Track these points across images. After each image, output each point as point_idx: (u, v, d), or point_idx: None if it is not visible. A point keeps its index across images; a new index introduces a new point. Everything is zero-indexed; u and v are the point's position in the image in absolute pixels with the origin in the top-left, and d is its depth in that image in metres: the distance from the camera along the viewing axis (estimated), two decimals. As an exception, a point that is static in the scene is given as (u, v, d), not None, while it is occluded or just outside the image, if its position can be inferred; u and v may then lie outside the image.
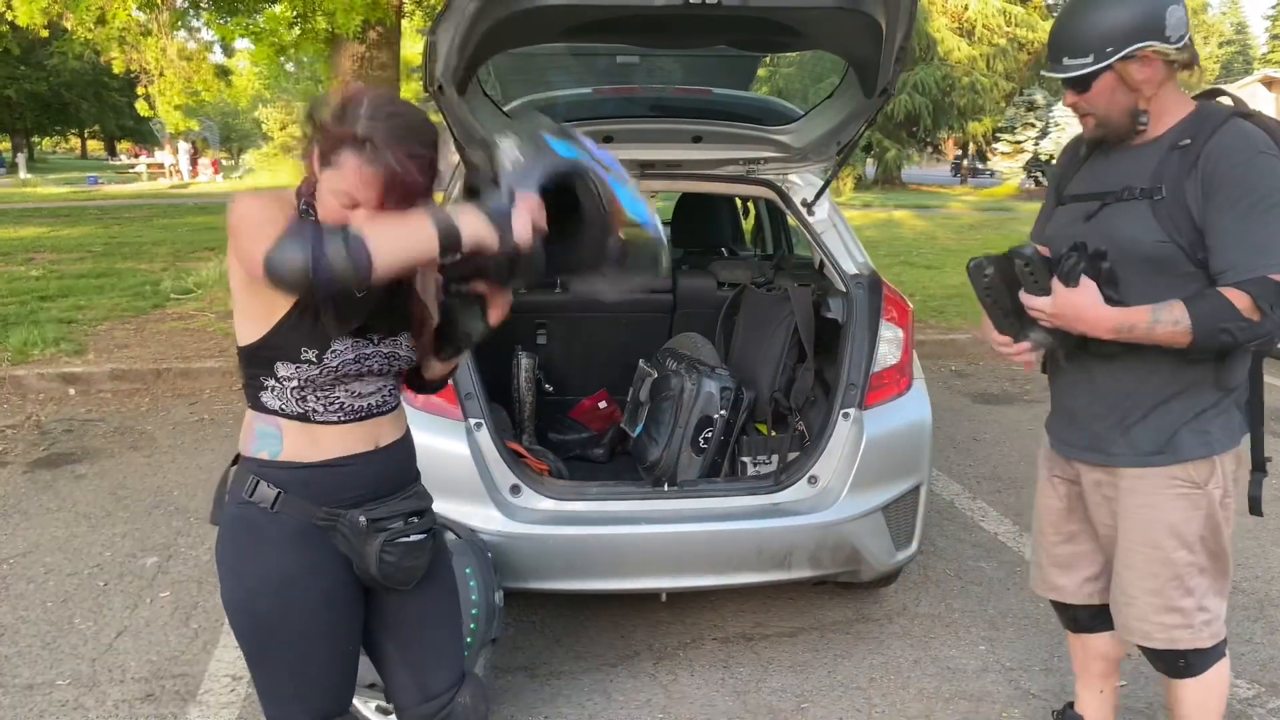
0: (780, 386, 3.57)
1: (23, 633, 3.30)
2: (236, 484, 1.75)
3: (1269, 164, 1.88)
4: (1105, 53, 1.92)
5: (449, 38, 2.38)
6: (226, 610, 1.75)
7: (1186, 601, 2.12)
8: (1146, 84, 1.95)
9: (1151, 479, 2.08)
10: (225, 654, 3.15)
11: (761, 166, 3.47)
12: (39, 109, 42.47)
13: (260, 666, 1.78)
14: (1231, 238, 1.87)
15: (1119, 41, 1.91)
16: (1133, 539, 2.13)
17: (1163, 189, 1.94)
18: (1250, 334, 1.85)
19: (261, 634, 1.74)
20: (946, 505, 4.46)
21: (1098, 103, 1.99)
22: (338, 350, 1.67)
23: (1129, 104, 1.97)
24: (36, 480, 4.74)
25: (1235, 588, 3.64)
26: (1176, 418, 2.05)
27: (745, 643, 3.27)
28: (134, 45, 10.05)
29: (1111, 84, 1.96)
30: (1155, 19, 1.90)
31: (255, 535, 1.71)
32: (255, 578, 1.71)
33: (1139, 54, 1.91)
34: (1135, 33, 1.90)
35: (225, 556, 1.75)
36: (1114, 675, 2.52)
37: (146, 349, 7.02)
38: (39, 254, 12.02)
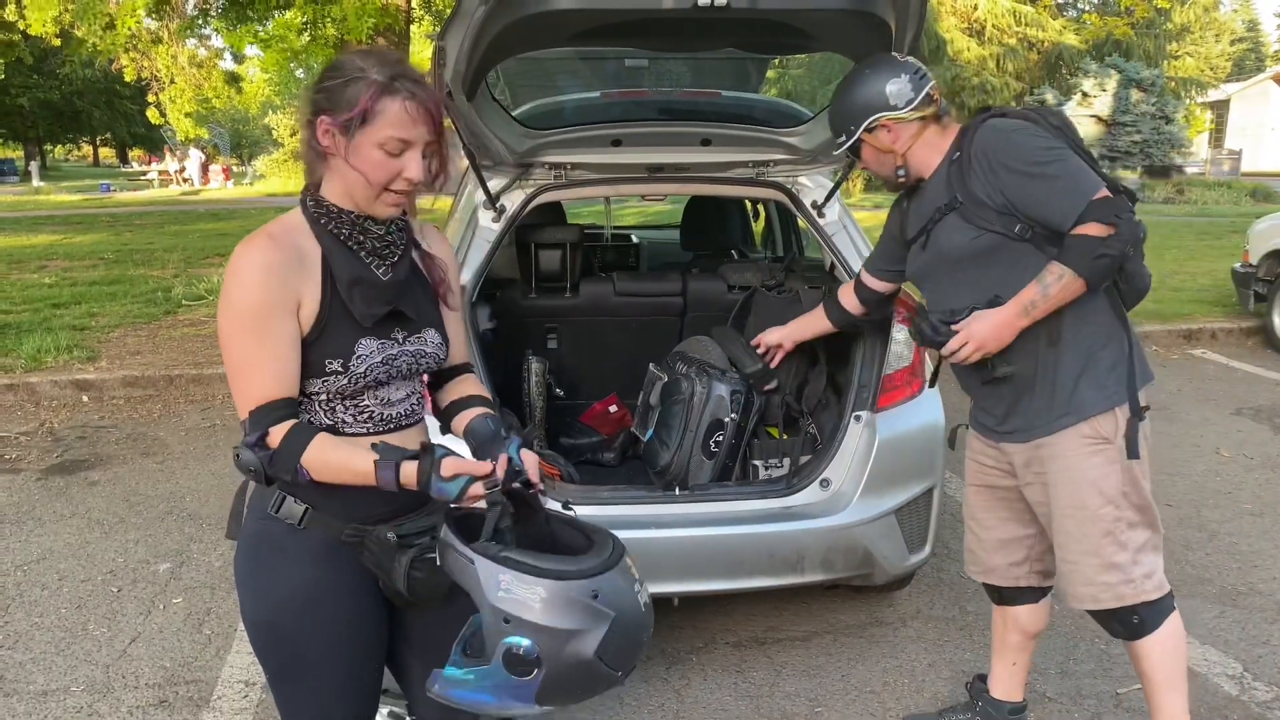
0: (791, 389, 3.56)
1: (37, 639, 3.31)
2: (258, 499, 1.70)
3: (1025, 137, 2.18)
4: (850, 130, 2.38)
5: (457, 43, 2.37)
6: (247, 628, 1.71)
7: (1122, 556, 2.25)
8: (897, 143, 2.35)
9: (1065, 442, 2.25)
10: (238, 660, 3.15)
11: (771, 169, 3.46)
12: (51, 117, 42.71)
13: (283, 684, 1.75)
14: (1043, 198, 2.14)
15: (855, 121, 2.36)
16: (1061, 504, 2.29)
17: (958, 196, 2.25)
18: (1116, 246, 2.08)
19: (285, 652, 1.70)
20: (959, 508, 4.43)
21: (871, 164, 2.44)
22: (363, 356, 1.63)
23: (890, 161, 2.38)
24: (50, 487, 4.76)
25: (1252, 589, 3.61)
26: (1069, 377, 2.23)
27: (758, 646, 3.26)
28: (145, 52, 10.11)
29: (870, 151, 2.40)
30: (877, 97, 2.32)
31: (279, 552, 1.67)
32: (279, 596, 1.67)
33: (876, 125, 2.33)
34: (863, 111, 2.34)
35: (246, 574, 1.71)
36: (1027, 650, 2.67)
37: (159, 355, 7.05)
38: (52, 261, 12.09)
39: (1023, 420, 2.32)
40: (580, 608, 1.47)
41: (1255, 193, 22.74)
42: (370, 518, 1.69)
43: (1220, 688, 2.96)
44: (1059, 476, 2.27)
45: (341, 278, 1.61)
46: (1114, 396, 2.23)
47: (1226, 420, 5.70)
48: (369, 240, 1.65)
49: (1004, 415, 2.37)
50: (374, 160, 1.57)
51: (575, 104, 3.55)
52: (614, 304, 4.14)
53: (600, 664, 1.49)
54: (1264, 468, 4.95)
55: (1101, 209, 2.09)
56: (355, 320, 1.62)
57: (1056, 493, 2.29)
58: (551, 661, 1.47)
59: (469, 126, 2.88)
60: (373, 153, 1.56)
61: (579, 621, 1.47)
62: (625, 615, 1.51)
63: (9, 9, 8.52)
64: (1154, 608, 2.29)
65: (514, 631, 1.46)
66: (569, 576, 1.48)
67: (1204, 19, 42.89)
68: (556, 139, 3.24)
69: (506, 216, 3.23)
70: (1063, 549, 2.32)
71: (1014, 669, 2.66)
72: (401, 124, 1.55)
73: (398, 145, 1.56)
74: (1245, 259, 7.79)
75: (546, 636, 1.46)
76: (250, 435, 1.53)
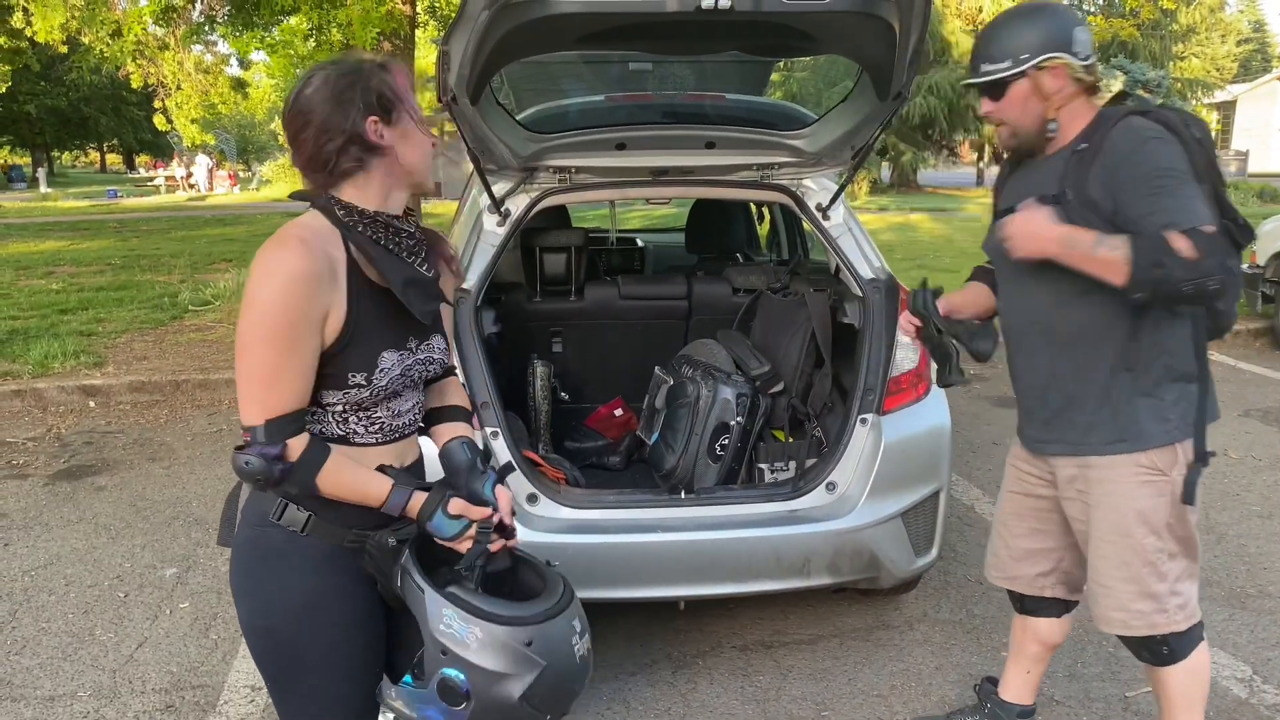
0: (797, 392, 3.55)
1: (44, 644, 3.31)
2: (254, 505, 1.67)
3: (1159, 147, 2.01)
4: (1020, 59, 2.11)
5: (462, 47, 2.38)
6: (245, 634, 1.70)
7: (1160, 586, 2.20)
8: (1056, 94, 2.13)
9: (1119, 468, 2.18)
10: (244, 664, 3.15)
11: (776, 171, 3.45)
12: (58, 124, 42.90)
13: (282, 690, 1.73)
14: (1152, 215, 1.96)
15: (1032, 51, 2.11)
16: (1104, 529, 2.22)
17: (1067, 192, 2.09)
18: (1186, 271, 1.87)
19: (284, 658, 1.69)
20: (967, 510, 4.43)
21: (1011, 111, 2.17)
22: (385, 369, 1.63)
23: (1039, 112, 2.15)
24: (57, 492, 4.77)
25: (1261, 592, 3.60)
26: (1133, 403, 2.15)
27: (764, 650, 3.25)
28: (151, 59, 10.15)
29: (1025, 91, 2.14)
30: (1064, 35, 2.11)
31: (278, 558, 1.65)
32: (279, 601, 1.66)
33: (1048, 64, 2.11)
34: (1045, 45, 2.10)
35: (243, 580, 1.69)
36: (1044, 661, 2.63)
37: (165, 361, 7.07)
38: (59, 267, 12.13)
39: (1072, 434, 2.23)
40: (511, 652, 1.55)
41: (1262, 193, 22.68)
42: (369, 524, 1.68)
43: (1229, 691, 2.94)
44: (1105, 501, 2.20)
45: (395, 281, 1.61)
46: (1176, 431, 2.14)
47: (1234, 422, 5.68)
48: (404, 240, 1.66)
49: (1046, 422, 2.29)
50: (421, 139, 1.66)
51: (579, 108, 3.56)
52: (619, 307, 4.14)
53: (526, 707, 1.56)
54: (1272, 469, 4.92)
55: (1203, 238, 1.90)
56: (389, 326, 1.64)
57: (1099, 515, 2.22)
58: (480, 698, 1.55)
59: (473, 131, 2.88)
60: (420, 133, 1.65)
61: (508, 665, 1.55)
62: (557, 665, 1.58)
63: (16, 17, 8.56)
64: (1184, 638, 2.25)
65: (449, 664, 1.55)
66: (505, 622, 1.56)
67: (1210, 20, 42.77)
68: (561, 143, 3.24)
69: (511, 220, 3.23)
70: (1098, 572, 2.26)
71: (1028, 676, 2.64)
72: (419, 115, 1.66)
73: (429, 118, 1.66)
74: (1253, 260, 7.76)
75: (478, 674, 1.54)
76: (270, 446, 1.52)
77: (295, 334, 1.51)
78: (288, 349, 1.51)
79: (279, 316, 1.50)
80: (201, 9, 9.59)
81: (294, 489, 1.58)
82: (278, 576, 1.66)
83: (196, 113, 11.15)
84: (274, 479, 1.54)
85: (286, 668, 1.70)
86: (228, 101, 12.09)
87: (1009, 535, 2.52)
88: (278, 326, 1.50)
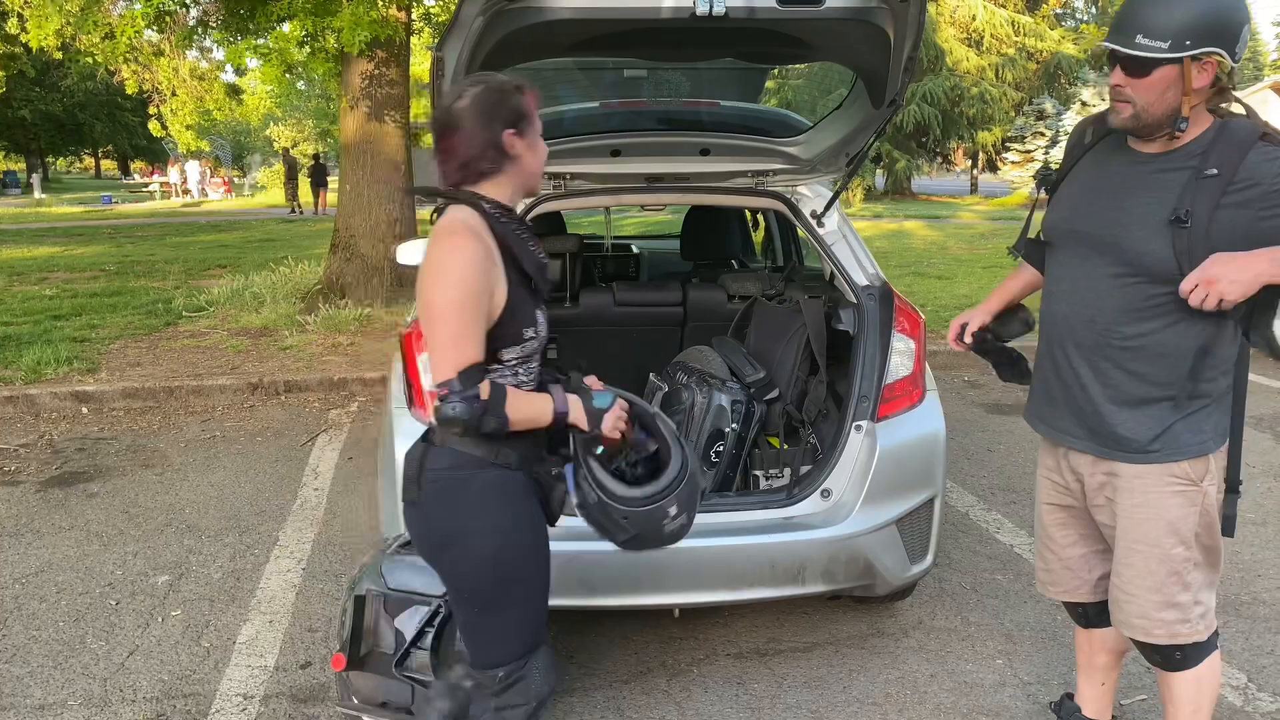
0: (792, 399, 3.55)
1: (34, 652, 3.29)
2: (452, 455, 1.98)
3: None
4: (1184, 44, 1.89)
5: (456, 54, 2.38)
6: (464, 568, 2.00)
7: (1184, 596, 2.17)
8: (1199, 92, 1.94)
9: (1149, 477, 2.14)
10: (237, 673, 3.14)
11: (770, 178, 3.46)
12: (53, 129, 42.86)
13: (493, 612, 2.04)
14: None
15: (1198, 39, 1.88)
16: (1131, 536, 2.18)
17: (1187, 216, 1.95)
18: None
19: (506, 578, 2.00)
20: (961, 517, 4.43)
21: (1148, 93, 1.95)
22: (541, 323, 2.02)
23: (1175, 103, 1.95)
24: (49, 499, 4.75)
25: (1256, 599, 3.60)
26: (1170, 412, 2.10)
27: (759, 658, 3.24)
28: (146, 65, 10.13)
29: (1171, 78, 1.93)
30: (1233, 31, 1.90)
31: (501, 492, 1.98)
32: (506, 528, 1.99)
33: (1206, 58, 1.90)
34: (1214, 36, 1.89)
35: (468, 517, 1.97)
36: (1116, 668, 2.58)
37: (159, 367, 7.05)
38: (53, 273, 12.11)
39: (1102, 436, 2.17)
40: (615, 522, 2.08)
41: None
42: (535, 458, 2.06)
43: (1224, 698, 2.94)
44: (1135, 511, 2.16)
45: (530, 264, 1.99)
46: (1210, 442, 2.11)
47: (1228, 429, 5.68)
48: (525, 232, 2.03)
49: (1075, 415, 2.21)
50: (542, 150, 2.04)
51: (574, 114, 3.56)
52: (614, 314, 4.13)
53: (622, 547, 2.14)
54: (1266, 476, 4.93)
55: None
56: (530, 296, 2.00)
57: (1127, 524, 2.18)
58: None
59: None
60: (540, 144, 2.03)
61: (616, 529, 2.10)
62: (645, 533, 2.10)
63: (11, 23, 8.54)
64: (1201, 646, 2.23)
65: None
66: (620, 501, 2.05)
67: (1202, 28, 42.92)
68: (556, 149, 3.23)
69: (506, 227, 3.22)
70: (1121, 578, 2.22)
71: (1103, 688, 2.59)
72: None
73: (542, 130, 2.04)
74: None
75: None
76: (467, 390, 1.85)
77: (476, 302, 1.87)
78: (472, 314, 1.86)
79: (468, 290, 1.86)
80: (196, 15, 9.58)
81: (493, 422, 1.88)
82: (505, 506, 1.99)
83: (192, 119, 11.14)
84: (476, 417, 1.86)
85: (506, 587, 2.02)
86: (223, 108, 12.09)
87: (1057, 548, 2.44)
88: (465, 296, 1.85)
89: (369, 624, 2.58)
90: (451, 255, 1.86)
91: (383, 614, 2.59)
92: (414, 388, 2.95)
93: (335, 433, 5.83)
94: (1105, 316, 2.12)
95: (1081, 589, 2.44)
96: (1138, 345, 2.09)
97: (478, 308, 1.88)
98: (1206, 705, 2.29)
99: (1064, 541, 2.42)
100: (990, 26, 28.67)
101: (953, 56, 28.00)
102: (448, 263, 1.86)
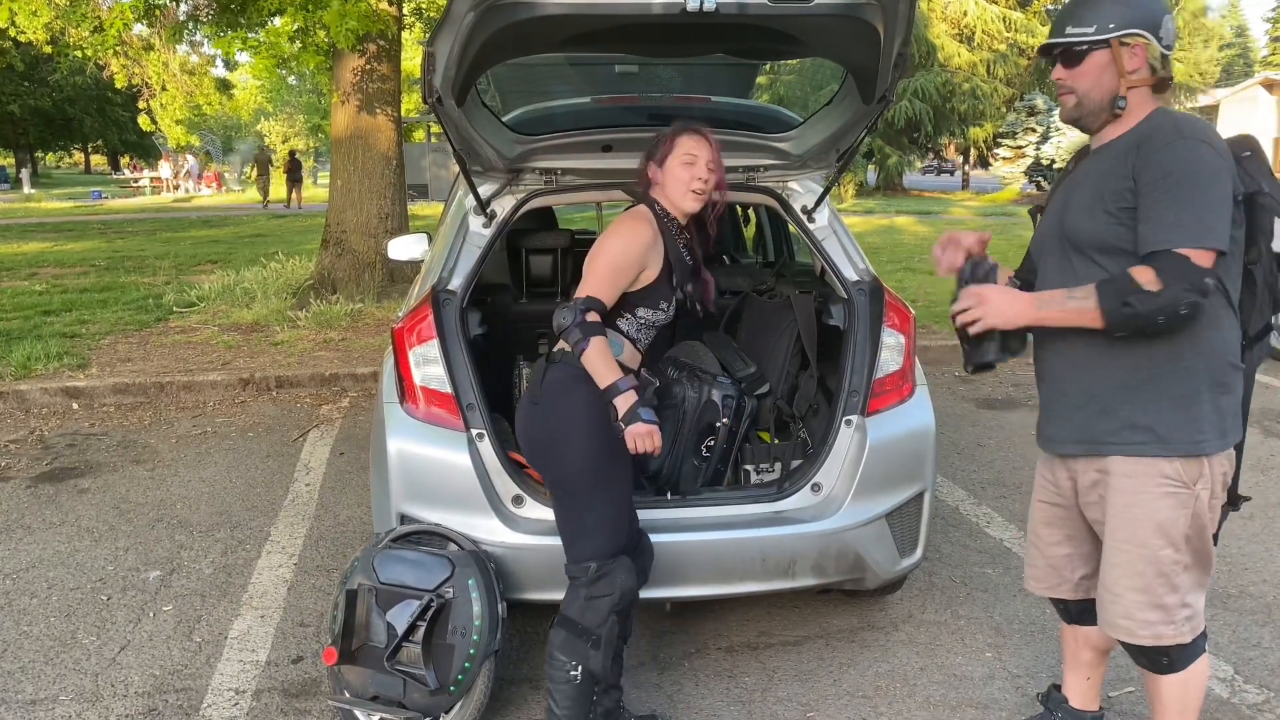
0: (783, 394, 3.56)
1: (26, 648, 3.29)
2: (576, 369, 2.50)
3: (1190, 147, 2.01)
4: (1108, 28, 2.09)
5: (447, 49, 2.37)
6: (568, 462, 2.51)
7: (1171, 599, 2.17)
8: (1132, 74, 2.11)
9: (1141, 476, 2.13)
10: (228, 667, 3.14)
11: (761, 174, 3.46)
12: (43, 124, 42.63)
13: (588, 506, 2.53)
14: (1148, 215, 2.00)
15: (1121, 22, 2.09)
16: (1119, 535, 2.18)
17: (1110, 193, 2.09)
18: (1149, 305, 1.94)
19: (597, 475, 2.51)
20: (951, 511, 4.45)
21: (1084, 80, 2.15)
22: (669, 305, 2.75)
23: (1112, 86, 2.13)
24: (39, 495, 4.74)
25: (1243, 592, 3.62)
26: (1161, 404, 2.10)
27: (750, 652, 3.26)
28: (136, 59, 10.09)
29: (1103, 62, 2.12)
30: (1154, 17, 2.10)
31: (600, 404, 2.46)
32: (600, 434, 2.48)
33: (1133, 40, 2.09)
34: (1136, 20, 2.09)
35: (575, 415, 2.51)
36: (1102, 664, 2.58)
37: (150, 362, 7.03)
38: (43, 269, 12.06)
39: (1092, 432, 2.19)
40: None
41: (1245, 197, 22.78)
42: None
43: (1211, 690, 2.96)
44: (1125, 510, 2.16)
45: (675, 258, 2.72)
46: (1207, 445, 2.11)
47: (1217, 423, 5.71)
48: (681, 235, 2.78)
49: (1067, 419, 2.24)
50: (677, 173, 2.67)
51: (565, 109, 3.56)
52: None
53: None
54: (1254, 471, 4.96)
55: (1171, 263, 1.93)
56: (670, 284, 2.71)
57: (1116, 523, 2.18)
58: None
59: (459, 132, 2.88)
60: (677, 169, 2.67)
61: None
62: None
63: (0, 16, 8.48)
64: (1187, 649, 2.22)
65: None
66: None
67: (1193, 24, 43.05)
68: (547, 144, 3.24)
69: (497, 222, 3.23)
70: (1108, 578, 2.22)
71: (1089, 682, 2.59)
72: (686, 147, 2.68)
73: (689, 158, 2.67)
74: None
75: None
76: (582, 305, 2.50)
77: (625, 269, 2.62)
78: (618, 275, 2.61)
79: (622, 257, 2.62)
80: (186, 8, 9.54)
81: (575, 336, 2.46)
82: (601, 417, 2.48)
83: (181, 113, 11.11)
84: (566, 326, 2.47)
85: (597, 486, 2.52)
86: (213, 103, 12.05)
87: (1043, 545, 2.46)
88: (619, 259, 2.62)
89: (361, 618, 2.59)
90: (626, 232, 2.63)
91: (374, 608, 2.59)
92: (405, 383, 2.95)
93: (327, 428, 5.82)
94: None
95: (1063, 587, 2.46)
96: (1112, 340, 2.10)
97: (624, 273, 2.60)
98: (1193, 707, 2.28)
99: (1049, 540, 2.44)
100: (982, 22, 28.69)
101: (944, 52, 28.01)
102: (621, 236, 2.63)
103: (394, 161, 9.36)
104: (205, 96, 11.61)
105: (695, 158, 2.64)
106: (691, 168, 2.64)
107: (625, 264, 2.60)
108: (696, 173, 2.65)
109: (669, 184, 2.67)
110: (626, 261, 2.60)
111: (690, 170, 2.64)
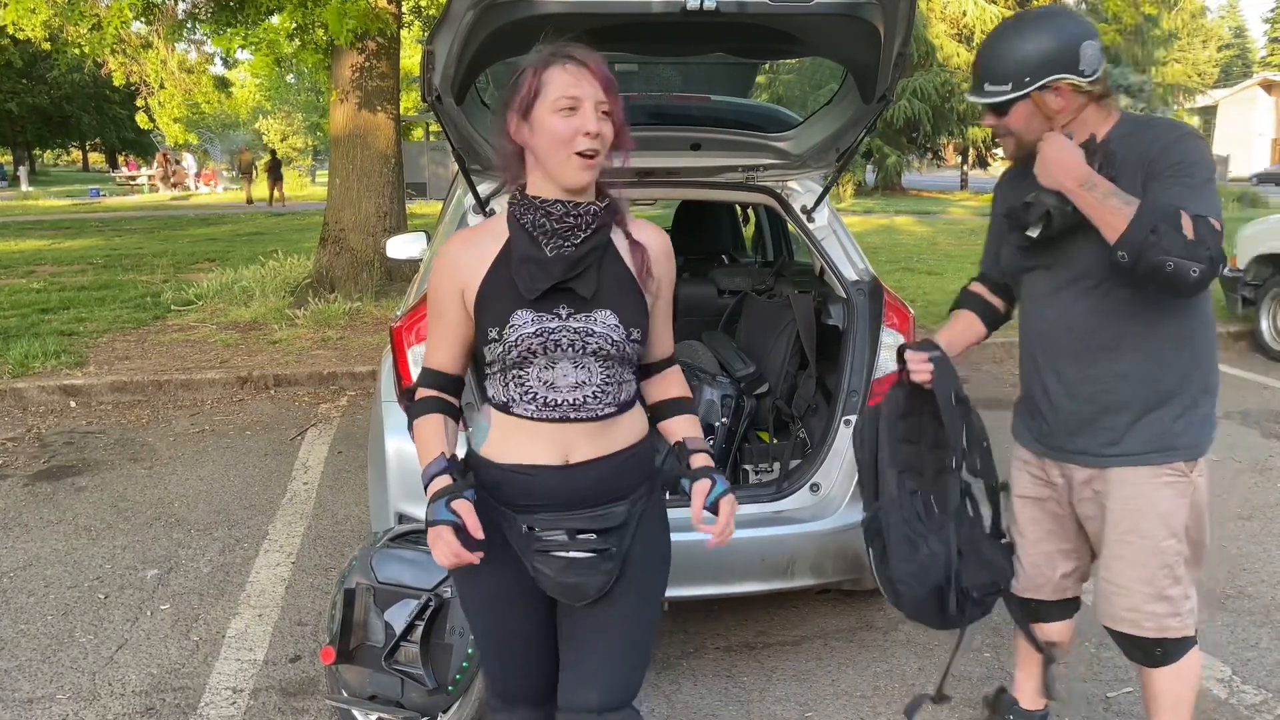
0: (782, 393, 3.56)
1: (23, 646, 3.28)
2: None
3: (1196, 143, 2.01)
4: (1023, 82, 2.07)
5: (446, 47, 2.37)
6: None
7: (1175, 590, 2.18)
8: (1061, 113, 2.09)
9: (1140, 472, 2.15)
10: (225, 666, 3.14)
11: (761, 173, 3.46)
12: (40, 122, 42.55)
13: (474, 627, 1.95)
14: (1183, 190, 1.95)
15: (1035, 73, 2.05)
16: (1123, 528, 2.19)
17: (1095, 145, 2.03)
18: (1177, 246, 1.85)
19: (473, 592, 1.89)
20: (949, 511, 4.44)
21: (1017, 124, 2.13)
22: (516, 325, 1.72)
23: (1044, 128, 2.10)
24: (37, 493, 4.73)
25: (1241, 592, 3.62)
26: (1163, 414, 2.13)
27: (748, 651, 3.26)
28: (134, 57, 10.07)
29: (1028, 111, 2.10)
30: (1070, 53, 2.04)
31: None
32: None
33: (1053, 85, 2.05)
34: (1050, 65, 2.04)
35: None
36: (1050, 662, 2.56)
37: (147, 361, 7.02)
38: (40, 267, 12.04)
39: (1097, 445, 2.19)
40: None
41: (1243, 198, 22.85)
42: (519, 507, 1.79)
43: (1210, 691, 2.96)
44: (1127, 503, 2.17)
45: (515, 257, 1.75)
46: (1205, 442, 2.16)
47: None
48: (549, 223, 1.75)
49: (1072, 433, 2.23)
50: (553, 126, 1.69)
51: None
52: None
53: None
54: (1252, 471, 4.96)
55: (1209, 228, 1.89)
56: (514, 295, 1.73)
57: (1118, 517, 2.18)
58: None
59: (458, 130, 2.87)
60: (550, 120, 1.69)
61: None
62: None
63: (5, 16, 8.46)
64: (1182, 642, 2.23)
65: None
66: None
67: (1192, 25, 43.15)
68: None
69: (496, 221, 3.22)
70: (1112, 571, 2.21)
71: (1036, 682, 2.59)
72: (565, 84, 1.69)
73: (568, 103, 1.69)
74: (1233, 263, 7.83)
75: None
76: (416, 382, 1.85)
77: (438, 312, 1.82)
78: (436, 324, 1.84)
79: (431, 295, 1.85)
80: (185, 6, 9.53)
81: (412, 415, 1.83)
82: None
83: (179, 112, 11.06)
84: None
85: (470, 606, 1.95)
86: (211, 101, 12.01)
87: (1026, 543, 2.45)
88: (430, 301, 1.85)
89: (359, 617, 2.59)
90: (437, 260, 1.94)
91: (372, 607, 2.59)
92: (403, 382, 2.95)
93: (325, 427, 5.82)
94: (1082, 324, 2.17)
95: (1045, 588, 2.43)
96: (1114, 345, 2.13)
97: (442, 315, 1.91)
98: (1188, 699, 2.30)
99: (1032, 536, 2.43)
100: (981, 22, 28.66)
101: (943, 52, 28.01)
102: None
103: (393, 160, 9.35)
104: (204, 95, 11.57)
105: (577, 100, 1.69)
106: (572, 117, 1.69)
107: (436, 306, 1.83)
108: (580, 123, 1.68)
109: (541, 147, 1.72)
110: (434, 299, 1.83)
111: (570, 121, 1.68)
